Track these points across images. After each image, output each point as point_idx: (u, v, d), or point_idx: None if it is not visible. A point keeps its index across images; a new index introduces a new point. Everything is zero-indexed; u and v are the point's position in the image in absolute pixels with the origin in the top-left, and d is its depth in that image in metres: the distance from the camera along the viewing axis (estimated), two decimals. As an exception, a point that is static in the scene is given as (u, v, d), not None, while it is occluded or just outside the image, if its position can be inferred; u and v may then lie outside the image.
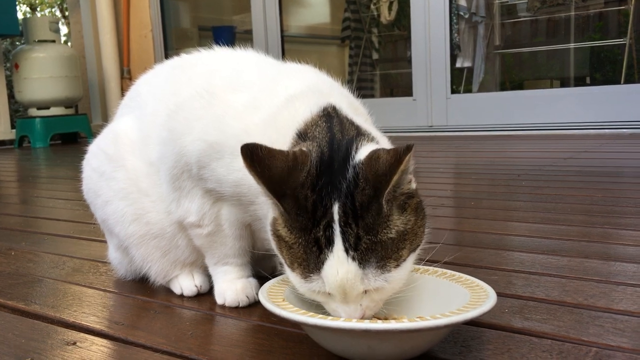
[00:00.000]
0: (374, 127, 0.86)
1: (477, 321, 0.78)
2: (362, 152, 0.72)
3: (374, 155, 0.70)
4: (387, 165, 0.68)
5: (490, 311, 0.69)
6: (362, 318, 0.70)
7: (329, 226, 0.68)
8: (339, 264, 0.68)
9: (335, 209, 0.68)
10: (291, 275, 0.73)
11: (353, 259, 0.68)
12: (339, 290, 0.69)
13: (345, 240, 0.68)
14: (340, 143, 0.74)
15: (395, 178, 0.67)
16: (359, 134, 0.76)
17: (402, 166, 0.67)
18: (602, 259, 1.11)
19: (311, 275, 0.70)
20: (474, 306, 0.69)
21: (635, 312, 0.83)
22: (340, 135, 0.76)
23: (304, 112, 0.80)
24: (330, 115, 0.79)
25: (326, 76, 0.94)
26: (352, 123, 0.79)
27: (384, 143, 0.80)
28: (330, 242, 0.68)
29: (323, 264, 0.68)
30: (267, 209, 0.81)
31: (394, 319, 0.78)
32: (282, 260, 0.74)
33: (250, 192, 0.84)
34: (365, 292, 0.70)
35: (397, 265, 0.70)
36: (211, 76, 0.93)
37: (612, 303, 0.87)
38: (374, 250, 0.68)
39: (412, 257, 0.72)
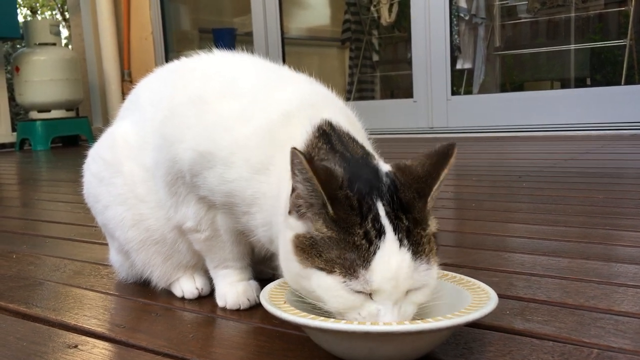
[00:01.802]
0: (369, 143, 0.86)
1: (478, 323, 0.77)
2: (384, 166, 0.74)
3: (400, 164, 0.74)
4: (431, 165, 0.72)
5: (492, 313, 0.69)
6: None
7: (377, 220, 0.67)
8: (392, 254, 0.66)
9: (380, 205, 0.68)
10: (327, 281, 0.67)
11: (407, 249, 0.67)
12: (391, 283, 0.66)
13: (396, 231, 0.67)
14: (356, 159, 0.74)
15: (444, 173, 0.71)
16: (368, 154, 0.77)
17: (452, 159, 0.71)
18: (603, 260, 1.11)
19: (357, 271, 0.66)
20: (475, 308, 0.69)
21: (637, 313, 0.83)
22: (349, 154, 0.75)
23: (301, 133, 0.78)
24: (327, 133, 0.78)
25: (321, 87, 0.93)
26: (355, 141, 0.79)
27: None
28: (381, 233, 0.67)
29: (374, 254, 0.66)
30: (261, 218, 0.81)
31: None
32: (313, 270, 0.68)
33: (243, 202, 0.83)
34: (406, 294, 0.68)
35: (435, 263, 0.70)
36: (206, 82, 0.92)
37: (614, 304, 0.87)
38: (422, 243, 0.68)
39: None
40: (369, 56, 6.03)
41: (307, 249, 0.69)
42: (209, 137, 0.84)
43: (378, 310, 0.67)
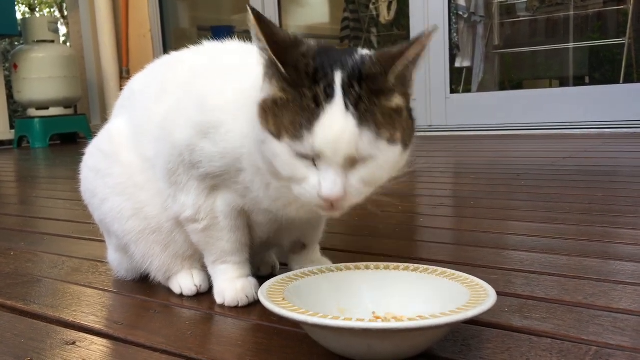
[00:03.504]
0: None
1: (477, 320, 0.77)
2: (367, 52, 0.75)
3: (381, 49, 0.75)
4: (403, 45, 0.71)
5: (490, 310, 0.69)
6: (342, 201, 0.70)
7: (329, 86, 0.68)
8: (336, 117, 0.67)
9: (338, 74, 0.69)
10: (277, 147, 0.70)
11: (352, 115, 0.68)
12: (332, 146, 0.67)
13: (345, 96, 0.68)
14: (341, 50, 0.76)
15: (411, 51, 0.70)
16: None
17: (424, 40, 0.70)
18: (602, 258, 1.11)
19: (303, 133, 0.68)
20: (473, 305, 0.69)
21: (635, 311, 0.83)
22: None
23: None
24: None
25: None
26: None
27: None
28: (329, 96, 0.68)
29: (319, 116, 0.67)
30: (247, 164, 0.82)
31: (394, 317, 0.78)
32: (267, 136, 0.71)
33: (235, 160, 0.85)
34: (354, 164, 0.70)
35: (390, 140, 0.70)
36: (195, 72, 0.95)
37: (612, 302, 0.87)
38: (372, 113, 0.69)
39: (405, 153, 0.73)
40: (367, 54, 6.02)
41: (267, 110, 0.72)
42: (198, 108, 0.87)
43: (320, 181, 0.69)
